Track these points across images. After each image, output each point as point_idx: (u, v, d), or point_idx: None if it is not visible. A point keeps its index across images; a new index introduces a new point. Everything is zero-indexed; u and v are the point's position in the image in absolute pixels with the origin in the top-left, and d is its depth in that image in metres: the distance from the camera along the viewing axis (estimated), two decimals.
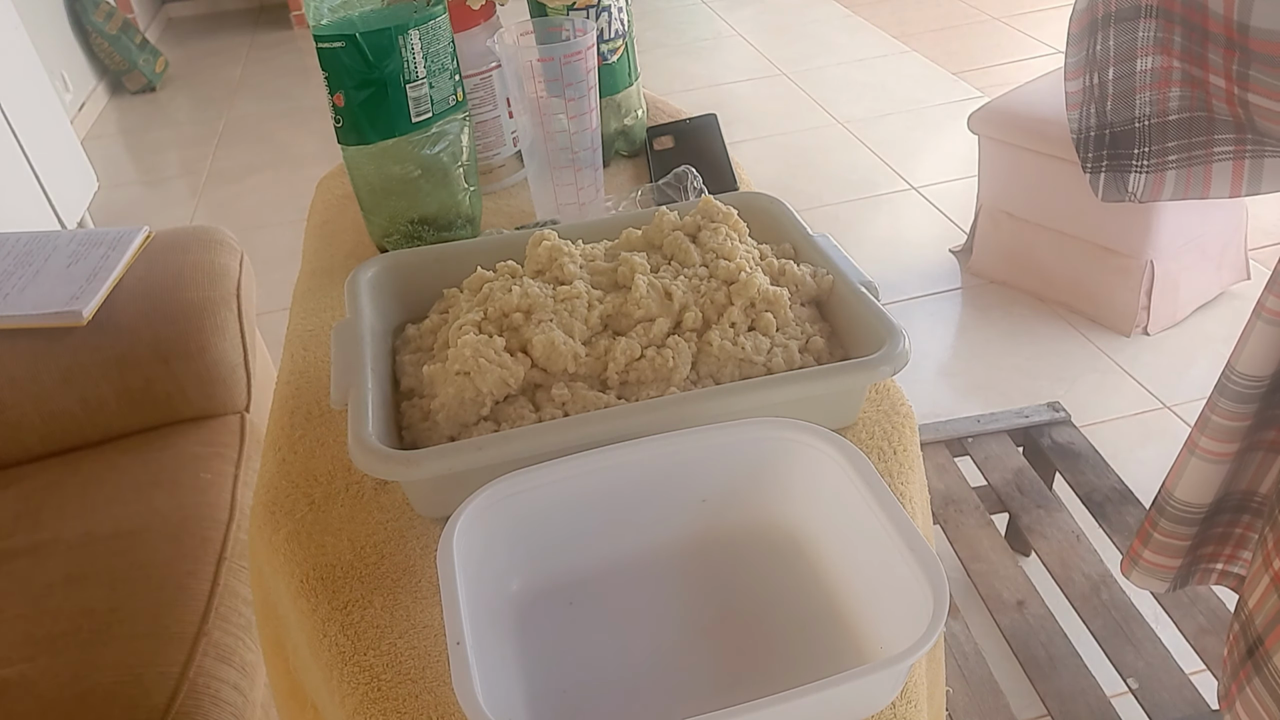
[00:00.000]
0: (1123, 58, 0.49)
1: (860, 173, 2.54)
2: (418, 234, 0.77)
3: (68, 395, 1.08)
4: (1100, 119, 0.52)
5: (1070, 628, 1.14)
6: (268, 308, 2.05)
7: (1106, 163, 0.52)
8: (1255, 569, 0.62)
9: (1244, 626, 0.63)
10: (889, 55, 3.25)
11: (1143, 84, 0.50)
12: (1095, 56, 0.51)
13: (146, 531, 0.97)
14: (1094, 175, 0.54)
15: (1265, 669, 0.60)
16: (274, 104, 3.32)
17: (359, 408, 0.52)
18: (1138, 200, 0.54)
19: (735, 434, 0.51)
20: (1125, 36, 0.49)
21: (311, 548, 0.54)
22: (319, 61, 0.69)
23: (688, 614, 0.48)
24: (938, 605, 0.40)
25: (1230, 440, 0.66)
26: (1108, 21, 0.50)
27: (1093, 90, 0.52)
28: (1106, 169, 0.53)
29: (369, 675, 0.47)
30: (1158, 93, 0.49)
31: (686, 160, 0.85)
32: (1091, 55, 0.51)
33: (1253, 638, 0.61)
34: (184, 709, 0.82)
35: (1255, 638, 0.61)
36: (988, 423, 1.41)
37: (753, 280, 0.58)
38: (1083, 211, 1.81)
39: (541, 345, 0.55)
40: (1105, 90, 0.51)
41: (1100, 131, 0.52)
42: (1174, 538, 0.73)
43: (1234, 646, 0.64)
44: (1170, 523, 0.72)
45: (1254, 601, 0.61)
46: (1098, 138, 0.53)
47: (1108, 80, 0.51)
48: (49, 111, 2.41)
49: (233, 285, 1.17)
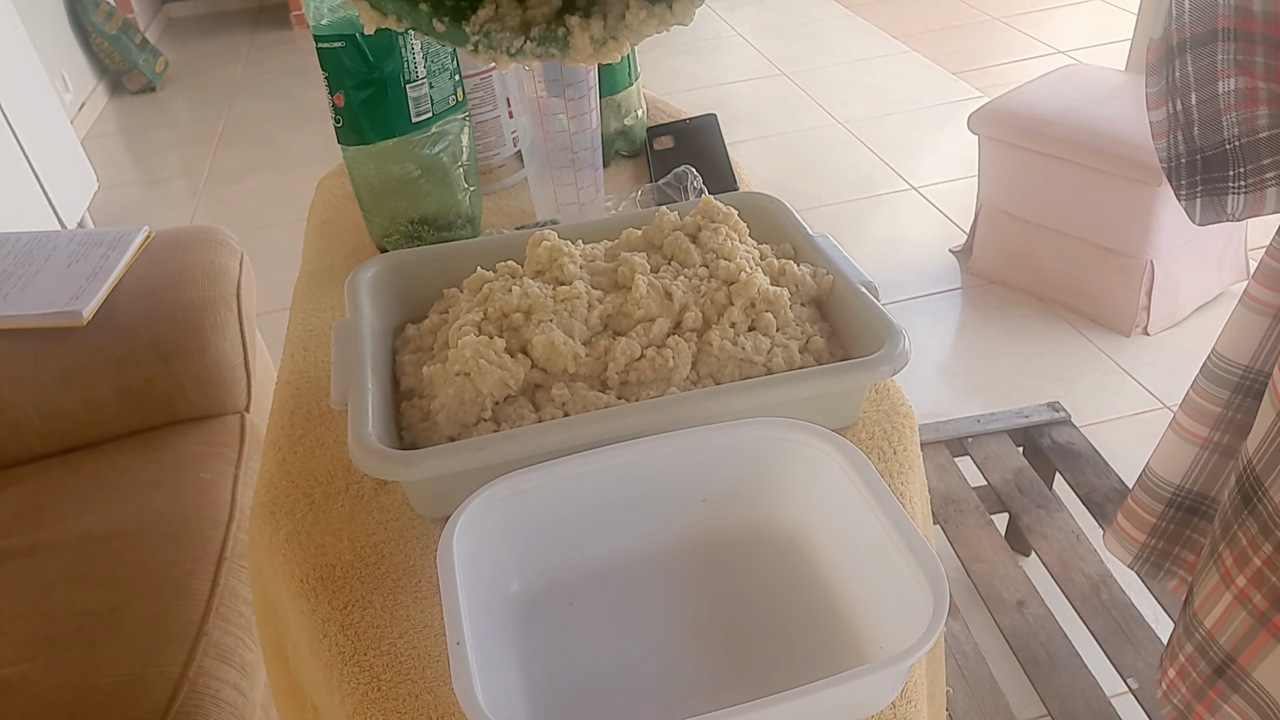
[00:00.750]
0: (1203, 82, 0.49)
1: (860, 173, 2.54)
2: (418, 234, 0.77)
3: (68, 395, 1.08)
4: (1189, 145, 0.52)
5: (1070, 628, 1.14)
6: (268, 308, 2.05)
7: (1202, 188, 0.52)
8: (1209, 588, 0.62)
9: (1201, 647, 0.63)
10: (889, 55, 3.25)
11: (1227, 105, 0.49)
12: (1175, 83, 0.51)
13: (146, 531, 0.97)
14: (1189, 201, 0.53)
15: (1244, 685, 0.60)
16: (274, 104, 3.32)
17: (359, 408, 0.52)
18: (1237, 219, 0.54)
19: (735, 434, 0.51)
20: (1204, 61, 0.49)
21: (311, 548, 0.54)
22: (319, 61, 0.69)
23: (688, 614, 0.48)
24: (938, 605, 0.40)
25: (1203, 421, 0.68)
26: (1184, 48, 0.49)
27: (1177, 117, 0.52)
28: (1202, 194, 0.52)
29: (369, 675, 0.47)
30: (1244, 113, 0.49)
31: (686, 160, 0.85)
32: (1171, 82, 0.51)
33: (1219, 657, 0.61)
34: (184, 709, 0.82)
35: (1224, 656, 0.61)
36: (988, 423, 1.41)
37: (753, 280, 0.58)
38: (1083, 211, 1.81)
39: (541, 345, 0.55)
40: (1190, 115, 0.51)
41: (1191, 158, 0.52)
42: (1143, 509, 0.75)
43: (1189, 669, 0.64)
44: (1142, 493, 0.75)
45: (1213, 621, 0.61)
46: (1189, 164, 0.52)
47: (1191, 106, 0.50)
48: (49, 111, 2.41)
49: (233, 285, 1.17)
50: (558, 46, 0.42)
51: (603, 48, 0.42)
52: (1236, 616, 0.60)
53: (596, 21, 0.42)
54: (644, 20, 0.41)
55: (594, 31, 0.42)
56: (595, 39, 0.42)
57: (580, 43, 0.42)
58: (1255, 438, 0.59)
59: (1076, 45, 3.18)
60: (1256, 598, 0.58)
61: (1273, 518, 0.56)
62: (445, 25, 0.42)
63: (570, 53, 0.42)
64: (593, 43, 0.42)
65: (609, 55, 0.42)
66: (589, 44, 0.42)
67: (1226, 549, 0.60)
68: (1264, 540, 0.57)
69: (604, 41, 0.42)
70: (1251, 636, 0.59)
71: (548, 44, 0.42)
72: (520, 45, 0.42)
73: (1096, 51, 3.11)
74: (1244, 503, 0.59)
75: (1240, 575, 0.59)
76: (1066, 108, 1.80)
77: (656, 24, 0.41)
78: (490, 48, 0.42)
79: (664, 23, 0.41)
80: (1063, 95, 1.85)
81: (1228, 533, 0.60)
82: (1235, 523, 0.60)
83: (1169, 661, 0.67)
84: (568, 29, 0.42)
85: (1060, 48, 3.17)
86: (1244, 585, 0.59)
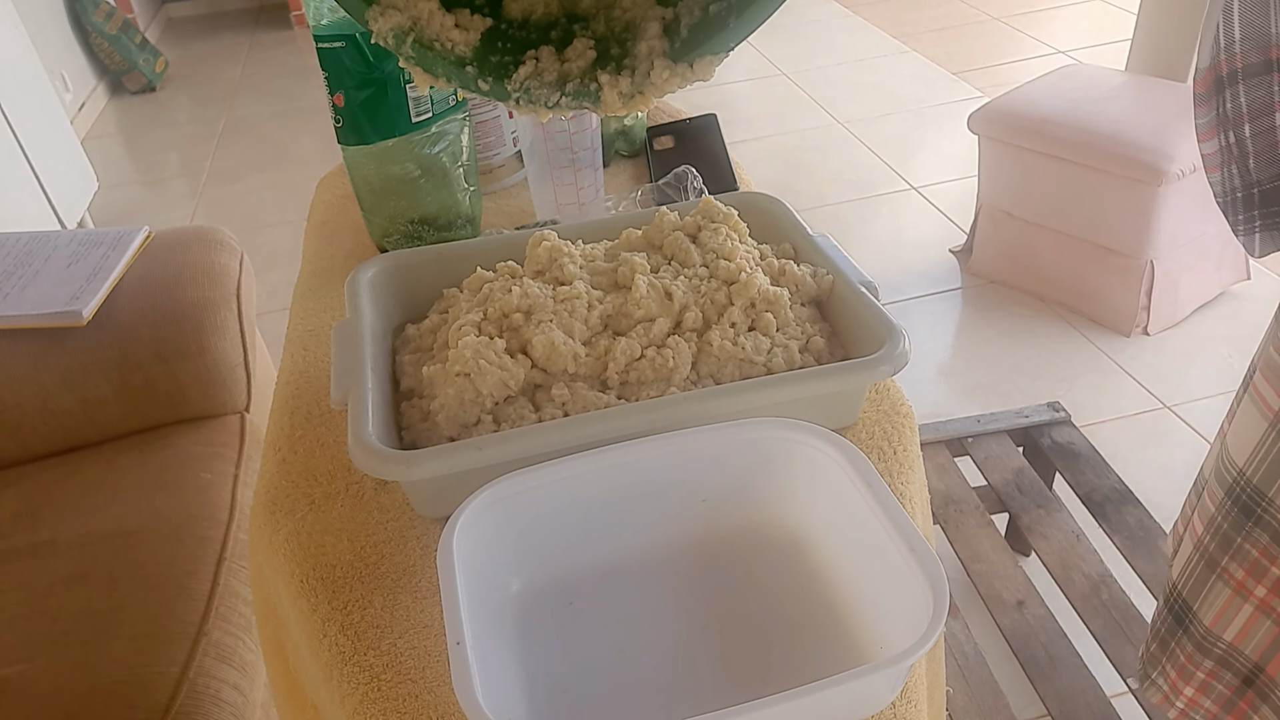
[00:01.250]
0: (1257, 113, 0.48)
1: (860, 173, 2.54)
2: (418, 234, 0.77)
3: (68, 395, 1.08)
4: (1245, 178, 0.50)
5: (1070, 628, 1.14)
6: (268, 308, 2.05)
7: (1260, 222, 0.51)
8: (1223, 603, 0.61)
9: (1224, 660, 0.62)
10: (889, 55, 3.25)
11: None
12: (1227, 115, 0.49)
13: (146, 531, 0.97)
14: (1247, 236, 0.52)
15: (1274, 695, 0.60)
16: (274, 104, 3.31)
17: (359, 408, 0.52)
18: None
19: (735, 434, 0.51)
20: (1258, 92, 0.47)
21: (311, 548, 0.54)
22: (319, 61, 0.69)
23: (688, 614, 0.48)
24: (938, 605, 0.40)
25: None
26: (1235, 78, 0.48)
27: (1230, 149, 0.50)
28: (1261, 228, 0.51)
29: (369, 675, 0.47)
30: None
31: (686, 160, 0.85)
32: (1223, 114, 0.50)
33: (1247, 668, 0.61)
34: (184, 709, 0.82)
35: (1252, 666, 0.60)
36: (988, 423, 1.41)
37: (753, 280, 0.58)
38: (1083, 211, 1.81)
39: (541, 346, 0.55)
40: (1245, 148, 0.49)
41: (1248, 191, 0.51)
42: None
43: (1212, 683, 0.63)
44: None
45: (1234, 634, 0.61)
46: (1245, 198, 0.51)
47: (1245, 138, 0.49)
48: (49, 111, 2.41)
49: (233, 285, 1.17)
50: (590, 100, 0.46)
51: (631, 101, 0.46)
52: (1261, 626, 0.59)
53: (625, 79, 0.46)
54: (667, 79, 0.45)
55: (622, 88, 0.46)
56: (624, 94, 0.46)
57: (610, 98, 0.46)
58: (1244, 449, 0.58)
59: (1076, 45, 3.18)
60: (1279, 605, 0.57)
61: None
62: (489, 84, 0.47)
63: (601, 105, 0.46)
64: (621, 97, 0.46)
65: (636, 108, 0.46)
66: (618, 99, 0.46)
67: (1233, 562, 0.59)
68: (1279, 550, 0.56)
69: (632, 96, 0.46)
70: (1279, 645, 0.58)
71: (581, 98, 0.46)
72: (557, 99, 0.46)
73: (1096, 51, 3.11)
74: (1245, 515, 0.58)
75: (1259, 586, 0.58)
76: (1066, 108, 1.80)
77: (679, 81, 0.45)
78: (530, 102, 0.47)
79: (686, 80, 0.45)
80: (1063, 95, 1.85)
81: (1229, 546, 0.60)
82: (1238, 535, 0.59)
83: (1181, 680, 0.66)
84: (599, 85, 0.46)
85: (1060, 48, 3.17)
86: (1264, 595, 0.58)
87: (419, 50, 0.46)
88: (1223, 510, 0.60)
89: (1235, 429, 0.59)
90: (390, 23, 0.45)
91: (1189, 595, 0.64)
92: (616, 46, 0.48)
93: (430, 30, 0.46)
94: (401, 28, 0.45)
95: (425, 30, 0.46)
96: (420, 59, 0.46)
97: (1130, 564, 1.20)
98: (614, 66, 0.47)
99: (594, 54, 0.48)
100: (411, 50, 0.46)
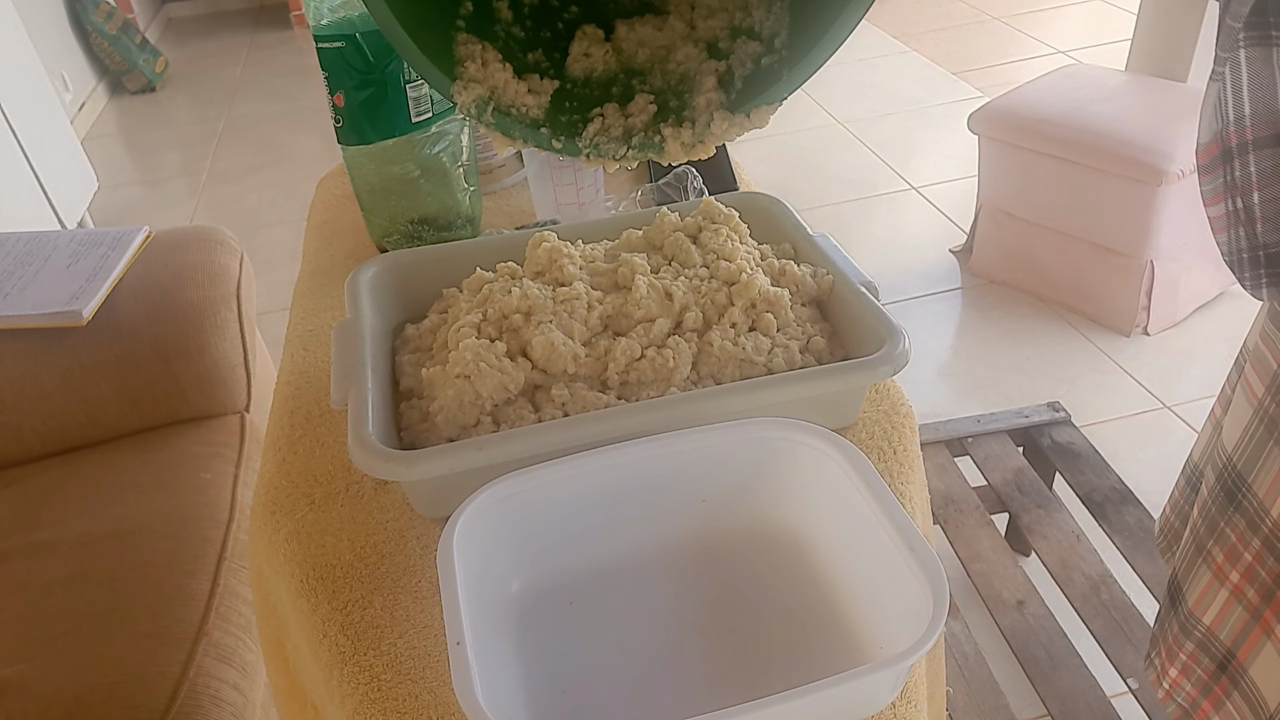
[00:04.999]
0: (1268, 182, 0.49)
1: (860, 173, 2.54)
2: (418, 234, 0.77)
3: (68, 395, 1.08)
4: (1251, 240, 0.52)
5: (1070, 628, 1.14)
6: (268, 308, 2.05)
7: (1266, 279, 0.52)
8: (1203, 585, 0.62)
9: (1202, 644, 0.63)
10: (889, 55, 3.25)
11: None
12: (1235, 182, 0.50)
13: (146, 531, 0.97)
14: (1254, 289, 0.54)
15: (1242, 682, 0.60)
16: (274, 104, 3.31)
17: (359, 408, 0.52)
18: None
19: (735, 434, 0.51)
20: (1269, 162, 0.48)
21: (311, 548, 0.54)
22: (319, 61, 0.69)
23: (688, 614, 0.48)
24: (938, 605, 0.40)
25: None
26: (1244, 149, 0.49)
27: (1238, 214, 0.52)
28: (1267, 284, 0.53)
29: (369, 675, 0.47)
30: None
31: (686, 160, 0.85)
32: (1230, 181, 0.51)
33: (1221, 652, 0.61)
34: (184, 709, 0.82)
35: (1225, 651, 0.61)
36: (988, 423, 1.41)
37: (753, 281, 0.58)
38: (1083, 211, 1.81)
39: (541, 347, 0.55)
40: (1253, 213, 0.50)
41: (1254, 253, 0.52)
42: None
43: (1192, 666, 0.64)
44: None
45: (1211, 618, 0.62)
46: (1251, 259, 0.53)
47: (1254, 204, 0.50)
48: (49, 111, 2.40)
49: (233, 285, 1.17)
50: (655, 150, 0.50)
51: (692, 150, 0.50)
52: (1233, 612, 0.60)
53: (686, 130, 0.49)
54: (727, 129, 0.48)
55: (684, 139, 0.49)
56: (685, 144, 0.49)
57: (674, 148, 0.50)
58: (1232, 434, 0.59)
59: (1076, 45, 3.18)
60: (1250, 593, 0.58)
61: (1258, 513, 0.56)
62: (562, 142, 0.50)
63: (665, 155, 0.50)
64: (684, 147, 0.49)
65: (697, 155, 0.50)
66: (681, 149, 0.50)
67: (1216, 545, 0.60)
68: (1252, 535, 0.57)
69: (693, 145, 0.49)
70: (1247, 632, 0.59)
71: (646, 149, 0.50)
72: (624, 152, 0.50)
73: (1096, 51, 3.11)
74: (1228, 499, 0.59)
75: (1233, 571, 0.59)
76: (1066, 108, 1.80)
77: (738, 131, 0.48)
78: (600, 155, 0.50)
79: (744, 128, 0.48)
80: (1063, 95, 1.85)
81: (1214, 530, 0.60)
82: (1221, 519, 0.60)
83: (1168, 661, 0.67)
84: (663, 137, 0.50)
85: (1060, 48, 3.17)
86: (1237, 581, 0.59)
87: (499, 117, 0.49)
88: (1213, 494, 0.61)
89: (1230, 416, 0.60)
90: (473, 95, 0.48)
91: (1181, 576, 0.65)
92: (674, 98, 0.52)
93: (507, 97, 0.50)
94: (483, 98, 0.49)
95: (502, 98, 0.49)
96: (500, 124, 0.49)
97: (1130, 564, 1.20)
98: (674, 118, 0.50)
99: (655, 108, 0.51)
100: (492, 118, 0.49)
